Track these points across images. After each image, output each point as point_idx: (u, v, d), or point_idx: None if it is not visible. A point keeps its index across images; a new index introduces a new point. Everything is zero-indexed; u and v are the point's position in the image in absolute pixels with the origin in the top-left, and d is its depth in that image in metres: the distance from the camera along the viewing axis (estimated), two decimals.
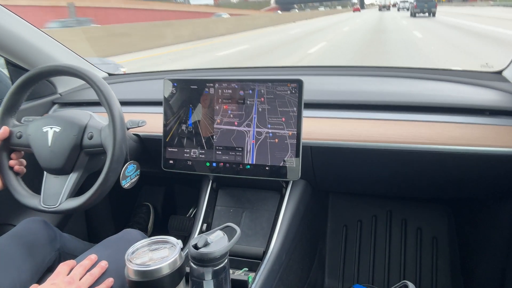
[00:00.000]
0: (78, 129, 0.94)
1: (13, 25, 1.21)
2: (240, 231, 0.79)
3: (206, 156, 1.06)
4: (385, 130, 1.04)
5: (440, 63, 7.43)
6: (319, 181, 1.20)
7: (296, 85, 0.98)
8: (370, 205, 1.63)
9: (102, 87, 0.91)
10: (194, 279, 0.75)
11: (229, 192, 1.16)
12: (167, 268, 0.72)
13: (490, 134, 0.98)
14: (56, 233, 1.04)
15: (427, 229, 1.54)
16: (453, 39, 11.68)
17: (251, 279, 0.90)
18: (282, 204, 1.07)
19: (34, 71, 0.95)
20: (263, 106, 1.01)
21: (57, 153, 0.93)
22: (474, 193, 1.26)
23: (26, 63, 1.30)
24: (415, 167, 1.08)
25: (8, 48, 1.23)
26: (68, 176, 0.95)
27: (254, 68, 1.61)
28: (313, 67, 1.62)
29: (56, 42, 1.40)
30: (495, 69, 1.24)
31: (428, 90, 1.18)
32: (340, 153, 1.07)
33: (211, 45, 14.43)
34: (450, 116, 1.03)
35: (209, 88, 1.05)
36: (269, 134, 1.01)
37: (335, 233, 1.62)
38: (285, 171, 1.00)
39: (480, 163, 1.00)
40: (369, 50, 10.26)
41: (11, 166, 0.97)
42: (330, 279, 1.55)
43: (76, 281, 0.79)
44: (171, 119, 1.08)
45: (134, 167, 1.06)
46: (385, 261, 1.54)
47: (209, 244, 0.74)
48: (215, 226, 1.06)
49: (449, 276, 1.46)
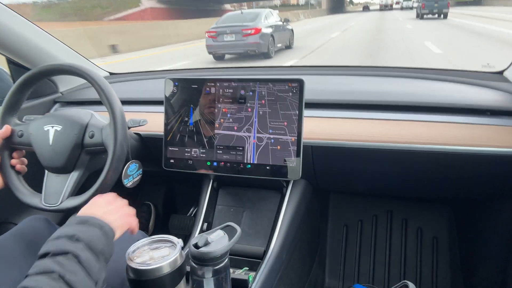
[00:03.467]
0: (79, 128, 0.94)
1: (14, 24, 1.21)
2: (241, 231, 0.79)
3: (207, 156, 1.06)
4: (385, 130, 1.04)
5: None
6: (319, 181, 1.20)
7: (297, 85, 0.98)
8: (371, 205, 1.63)
9: (103, 86, 0.91)
10: (194, 278, 0.75)
11: (229, 192, 1.16)
12: (167, 267, 0.72)
13: (491, 134, 0.98)
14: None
15: (427, 229, 1.54)
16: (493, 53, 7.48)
17: (251, 278, 0.90)
18: (283, 203, 1.07)
19: (36, 70, 0.95)
20: (264, 109, 1.01)
21: (58, 152, 0.93)
22: (475, 193, 1.26)
23: (28, 62, 1.30)
24: (416, 167, 1.08)
25: (9, 47, 1.23)
26: (69, 175, 0.95)
27: (254, 68, 1.61)
28: (314, 66, 1.62)
29: (57, 41, 1.40)
30: (496, 69, 1.24)
31: (429, 90, 1.18)
32: (341, 153, 1.07)
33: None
34: (451, 116, 1.03)
35: (210, 87, 1.05)
36: (270, 140, 1.00)
37: (336, 232, 1.62)
38: (285, 171, 1.00)
39: (480, 163, 1.00)
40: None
41: (13, 165, 0.97)
42: (331, 279, 1.56)
43: (115, 200, 0.81)
44: (172, 118, 1.08)
45: (136, 166, 1.07)
46: (385, 260, 1.54)
47: (209, 243, 0.75)
48: (216, 225, 1.06)
49: (449, 275, 1.46)
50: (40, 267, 0.58)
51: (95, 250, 0.63)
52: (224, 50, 9.25)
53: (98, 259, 0.63)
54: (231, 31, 8.75)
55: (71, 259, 0.59)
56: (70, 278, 0.57)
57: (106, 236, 0.67)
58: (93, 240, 0.64)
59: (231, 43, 8.84)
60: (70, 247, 0.61)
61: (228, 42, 8.83)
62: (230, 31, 8.76)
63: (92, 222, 0.67)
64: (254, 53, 8.95)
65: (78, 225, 0.66)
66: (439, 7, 20.37)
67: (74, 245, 0.61)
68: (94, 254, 0.62)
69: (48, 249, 0.61)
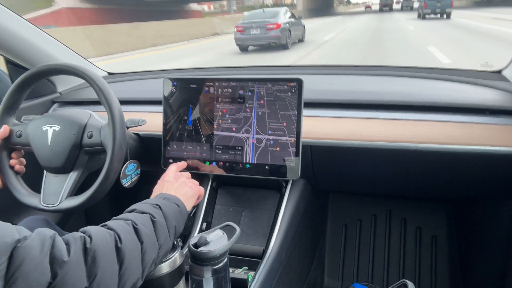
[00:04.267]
0: (78, 128, 0.94)
1: (13, 24, 1.21)
2: (240, 230, 0.79)
3: (205, 155, 1.06)
4: (385, 129, 1.04)
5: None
6: (319, 180, 1.20)
7: (296, 84, 0.98)
8: (370, 205, 1.63)
9: (102, 86, 0.90)
10: (194, 278, 0.75)
11: (228, 191, 1.16)
12: (167, 266, 0.72)
13: (490, 134, 0.98)
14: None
15: (426, 229, 1.54)
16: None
17: (250, 277, 0.90)
18: (282, 203, 1.07)
19: (34, 70, 0.95)
20: (263, 109, 1.01)
21: (57, 152, 0.93)
22: (474, 193, 1.26)
23: (26, 62, 1.30)
24: (415, 167, 1.08)
25: (8, 47, 1.23)
26: (68, 175, 0.95)
27: (253, 67, 1.61)
28: (313, 66, 1.62)
29: (55, 41, 1.40)
30: (495, 68, 1.24)
31: (428, 89, 1.17)
32: (340, 152, 1.07)
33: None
34: (450, 115, 1.03)
35: (209, 87, 1.05)
36: (270, 142, 1.00)
37: (335, 232, 1.62)
38: (284, 170, 1.00)
39: (479, 162, 1.00)
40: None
41: (11, 165, 0.97)
42: (330, 278, 1.56)
43: (181, 175, 0.92)
44: (171, 118, 1.08)
45: (134, 166, 1.06)
46: (384, 260, 1.54)
47: (208, 243, 0.75)
48: (215, 225, 1.06)
49: (448, 275, 1.47)
50: (122, 216, 0.69)
51: (169, 222, 0.72)
52: (250, 42, 11.05)
53: (169, 230, 0.71)
54: (256, 26, 10.55)
55: (148, 217, 0.69)
56: (141, 228, 0.65)
57: (181, 214, 0.77)
58: (171, 213, 0.74)
59: (256, 36, 10.64)
60: (151, 210, 0.71)
61: (253, 35, 10.65)
62: (256, 26, 10.55)
63: (173, 199, 0.78)
64: (275, 44, 10.67)
65: (162, 199, 0.77)
66: (442, 7, 19.13)
67: (154, 210, 0.71)
68: (168, 225, 0.71)
69: (134, 207, 0.72)
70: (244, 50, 11.21)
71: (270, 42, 10.73)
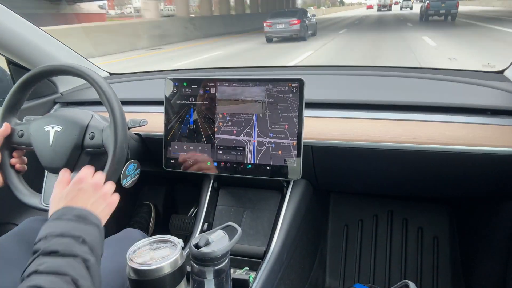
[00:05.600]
0: (80, 129, 0.94)
1: (14, 25, 1.21)
2: (241, 231, 0.79)
3: (207, 156, 1.06)
4: (386, 130, 1.04)
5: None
6: (320, 181, 1.20)
7: (297, 85, 0.98)
8: (371, 205, 1.62)
9: (103, 87, 0.90)
10: (195, 278, 0.75)
11: (230, 192, 1.16)
12: (168, 267, 0.72)
13: (492, 134, 0.98)
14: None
15: (428, 229, 1.54)
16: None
17: (252, 278, 0.90)
18: (283, 203, 1.07)
19: (36, 70, 0.95)
20: (264, 111, 1.01)
21: (58, 152, 0.93)
22: (475, 193, 1.25)
23: (28, 63, 1.30)
24: (416, 167, 1.08)
25: (9, 47, 1.24)
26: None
27: (254, 67, 1.61)
28: (314, 66, 1.62)
29: (57, 41, 1.40)
30: (497, 69, 1.24)
31: (430, 89, 1.17)
32: (341, 153, 1.07)
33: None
34: (452, 116, 1.03)
35: (210, 87, 1.05)
36: (271, 145, 1.00)
37: (336, 232, 1.62)
38: (286, 171, 1.00)
39: (481, 163, 1.00)
40: None
41: (13, 164, 0.97)
42: (331, 279, 1.55)
43: (102, 186, 0.78)
44: (172, 119, 1.08)
45: (134, 166, 1.06)
46: (386, 260, 1.54)
47: (210, 244, 0.75)
48: (216, 225, 1.06)
49: (450, 275, 1.46)
50: (52, 267, 0.56)
51: (97, 255, 0.63)
52: (276, 34, 14.34)
53: (97, 263, 0.62)
54: (281, 22, 13.89)
55: (81, 263, 0.58)
56: (83, 283, 0.56)
57: (101, 236, 0.67)
58: (95, 243, 0.63)
59: (281, 29, 14.03)
60: (79, 250, 0.59)
61: (279, 29, 14.05)
62: (281, 22, 13.89)
63: (90, 220, 0.66)
64: (296, 36, 13.98)
65: (78, 222, 0.65)
66: (447, 7, 17.73)
67: (81, 249, 0.60)
68: (96, 259, 0.62)
69: (56, 248, 0.59)
70: (269, 41, 14.54)
71: (292, 35, 13.94)
